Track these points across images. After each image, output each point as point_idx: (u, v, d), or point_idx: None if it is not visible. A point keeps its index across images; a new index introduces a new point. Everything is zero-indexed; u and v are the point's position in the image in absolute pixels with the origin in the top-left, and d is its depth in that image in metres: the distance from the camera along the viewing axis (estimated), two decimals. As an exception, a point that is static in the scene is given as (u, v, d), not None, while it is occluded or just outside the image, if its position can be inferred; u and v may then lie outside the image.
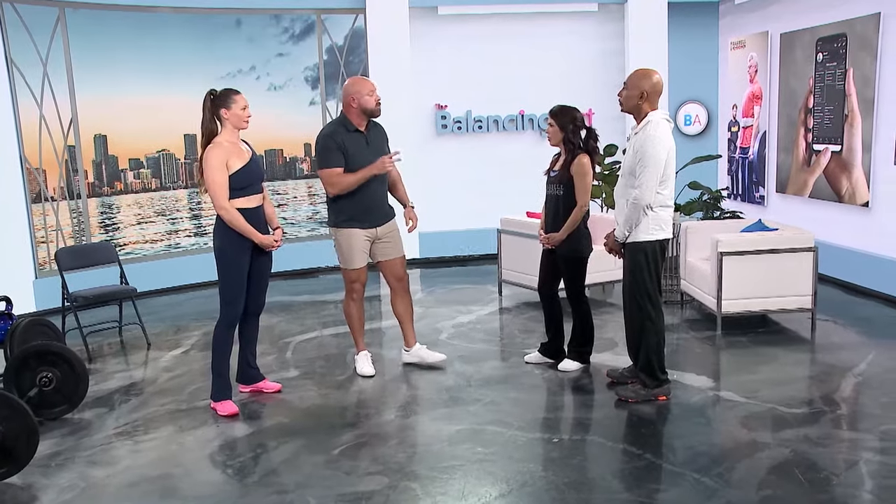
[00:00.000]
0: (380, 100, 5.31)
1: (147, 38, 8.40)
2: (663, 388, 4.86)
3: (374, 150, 5.32)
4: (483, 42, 9.69)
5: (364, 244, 5.40)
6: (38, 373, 4.91)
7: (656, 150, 4.50)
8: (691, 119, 10.20)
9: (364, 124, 5.33)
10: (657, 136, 4.52)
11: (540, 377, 5.40)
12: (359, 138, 5.30)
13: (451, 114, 9.79)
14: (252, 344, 5.25)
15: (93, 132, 8.19)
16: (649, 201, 4.54)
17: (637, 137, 4.63)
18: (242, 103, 4.75)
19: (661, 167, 4.52)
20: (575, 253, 5.28)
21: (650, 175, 4.50)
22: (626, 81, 4.69)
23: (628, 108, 4.67)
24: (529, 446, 4.28)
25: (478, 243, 9.59)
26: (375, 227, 5.40)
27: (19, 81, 7.65)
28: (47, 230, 7.94)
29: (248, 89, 8.93)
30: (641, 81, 4.61)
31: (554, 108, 5.25)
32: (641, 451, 4.15)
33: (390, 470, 4.04)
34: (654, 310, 4.75)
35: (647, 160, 4.51)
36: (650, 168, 4.50)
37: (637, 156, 4.56)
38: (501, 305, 7.50)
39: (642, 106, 4.62)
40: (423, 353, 5.72)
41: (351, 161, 5.23)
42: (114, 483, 4.06)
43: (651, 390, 4.84)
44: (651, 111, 4.61)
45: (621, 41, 9.77)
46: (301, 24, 9.20)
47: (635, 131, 4.68)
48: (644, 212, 4.57)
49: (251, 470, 4.13)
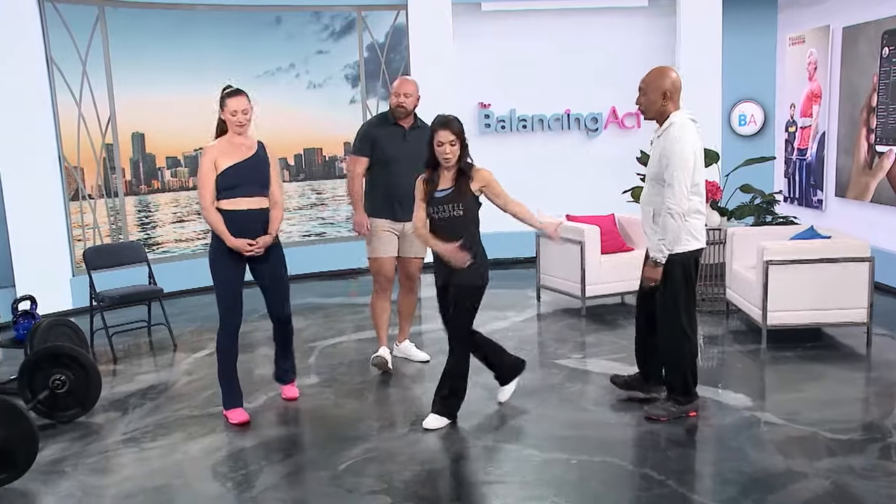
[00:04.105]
0: (402, 104, 5.33)
1: (186, 37, 8.36)
2: (694, 403, 4.57)
3: (410, 148, 5.25)
4: (528, 39, 9.41)
5: (388, 236, 5.45)
6: (50, 375, 4.83)
7: (684, 153, 4.18)
8: (746, 119, 9.74)
9: (408, 121, 5.42)
10: (683, 137, 4.21)
11: (568, 391, 5.12)
12: (396, 132, 5.37)
13: (494, 113, 9.54)
14: (282, 349, 5.10)
15: (130, 130, 8.19)
16: (685, 209, 4.22)
17: (660, 141, 4.32)
18: (233, 107, 4.57)
19: (691, 171, 4.20)
20: (478, 280, 4.58)
21: (681, 180, 4.18)
22: (643, 86, 4.34)
23: (653, 113, 4.35)
24: (544, 467, 4.02)
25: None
26: (402, 222, 5.40)
27: (59, 80, 7.68)
28: (84, 228, 7.96)
29: (287, 87, 9.01)
30: (661, 81, 4.30)
31: (446, 119, 4.39)
32: (664, 476, 3.84)
33: (394, 489, 3.82)
34: (690, 326, 4.45)
35: (674, 164, 4.19)
36: (679, 172, 4.18)
37: (663, 161, 4.25)
38: (539, 312, 7.23)
39: (667, 107, 4.31)
40: (412, 350, 5.84)
41: (379, 152, 5.38)
42: (110, 494, 3.94)
43: (683, 406, 4.53)
44: (674, 112, 4.31)
45: (672, 37, 9.38)
46: (341, 21, 9.06)
47: (658, 134, 4.37)
48: (682, 221, 4.24)
49: (251, 483, 3.96)
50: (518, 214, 4.62)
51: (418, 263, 5.64)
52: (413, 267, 5.63)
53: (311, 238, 9.29)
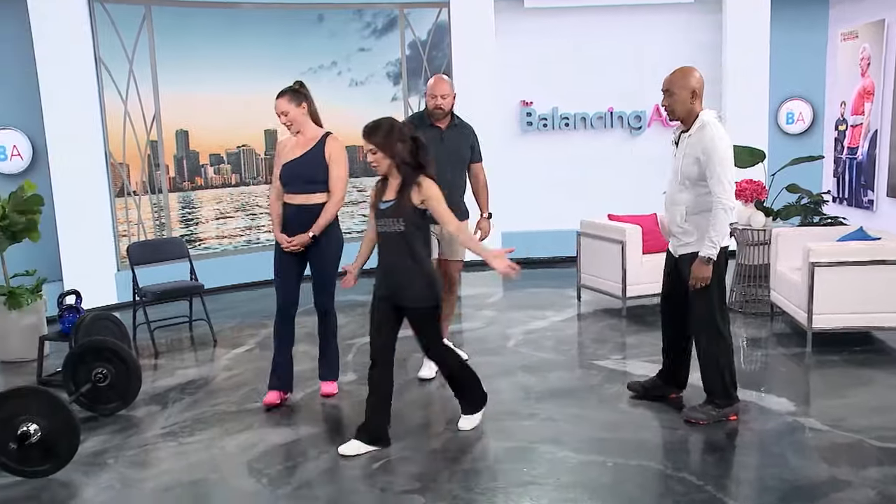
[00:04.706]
0: (440, 105, 5.18)
1: (229, 35, 8.44)
2: (734, 406, 4.47)
3: (448, 149, 5.19)
4: (570, 36, 9.32)
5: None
6: (93, 368, 4.91)
7: (726, 148, 4.20)
8: (794, 117, 9.52)
9: (445, 122, 5.27)
10: (721, 135, 4.21)
11: (606, 392, 5.05)
12: (433, 135, 5.15)
13: (536, 111, 9.48)
14: (321, 342, 5.18)
15: (175, 127, 8.30)
16: (734, 202, 4.22)
17: (692, 140, 4.28)
18: (276, 109, 4.85)
19: (732, 164, 4.22)
20: (433, 301, 4.25)
21: (728, 175, 4.19)
22: (668, 87, 4.33)
23: (682, 113, 4.33)
24: (580, 469, 3.97)
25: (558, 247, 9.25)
26: None
27: (106, 78, 7.81)
28: (129, 224, 8.09)
29: (329, 85, 9.05)
30: (687, 80, 4.28)
31: (367, 126, 4.13)
32: (703, 481, 3.76)
33: (427, 489, 3.80)
34: (724, 324, 4.38)
35: (716, 160, 4.17)
36: (724, 168, 4.17)
37: (703, 161, 4.21)
38: (579, 312, 7.16)
39: (694, 106, 4.30)
40: None
41: None
42: (149, 487, 3.99)
43: (722, 410, 4.45)
44: (701, 111, 4.31)
45: (718, 34, 9.22)
46: (384, 18, 9.07)
47: (689, 134, 4.32)
48: (730, 215, 4.22)
49: (286, 480, 3.97)
50: (465, 244, 4.33)
51: (458, 266, 5.55)
52: (453, 269, 5.53)
53: (353, 235, 9.31)
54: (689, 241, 4.36)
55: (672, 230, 4.48)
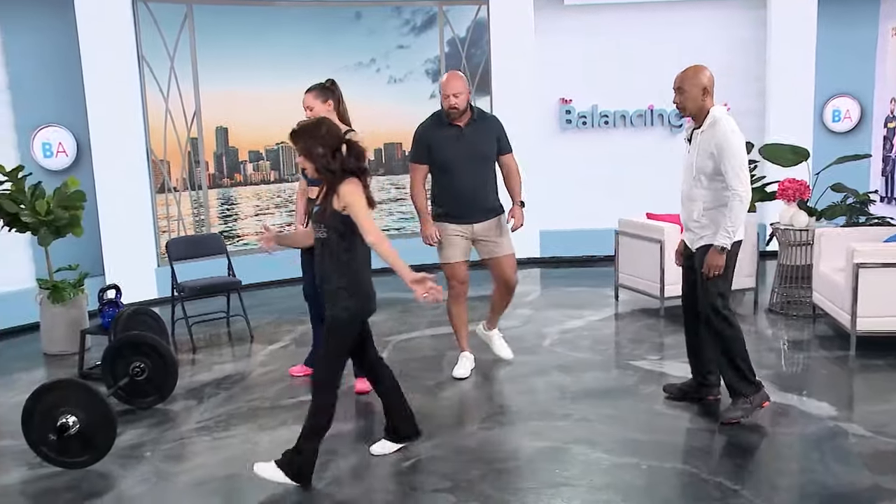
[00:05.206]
0: (455, 105, 4.99)
1: (268, 33, 8.50)
2: (762, 392, 4.45)
3: (468, 146, 5.08)
4: (610, 33, 9.21)
5: (457, 240, 5.22)
6: (131, 362, 4.98)
7: (738, 142, 4.25)
8: (840, 115, 9.29)
9: (464, 118, 5.09)
10: (733, 129, 4.29)
11: (642, 393, 4.98)
12: (450, 133, 5.08)
13: (575, 108, 9.39)
14: None
15: (215, 124, 8.38)
16: (749, 194, 4.30)
17: (705, 136, 4.34)
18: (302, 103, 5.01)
19: (745, 156, 4.28)
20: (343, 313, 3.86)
21: (741, 166, 4.25)
22: (680, 85, 4.38)
23: (693, 109, 4.37)
24: (614, 471, 3.92)
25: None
26: (470, 223, 5.18)
27: (148, 76, 7.92)
28: (169, 220, 8.19)
29: (367, 82, 9.06)
30: (699, 78, 4.34)
31: (293, 129, 3.89)
32: (739, 486, 3.68)
33: (459, 488, 3.78)
34: (732, 314, 4.44)
35: (731, 154, 4.23)
36: (738, 161, 4.24)
37: (717, 155, 4.26)
38: (616, 311, 7.08)
39: (706, 103, 4.35)
40: (497, 340, 5.60)
41: (436, 156, 5.12)
42: (183, 480, 4.03)
43: (754, 399, 4.42)
44: (712, 107, 4.34)
45: (762, 30, 9.04)
46: (422, 15, 9.06)
47: (701, 130, 4.37)
48: (746, 206, 4.30)
49: (318, 476, 3.96)
50: (384, 257, 3.77)
51: (509, 261, 5.26)
52: (506, 267, 5.26)
53: (391, 233, 9.33)
54: (706, 235, 4.41)
55: (689, 225, 4.54)
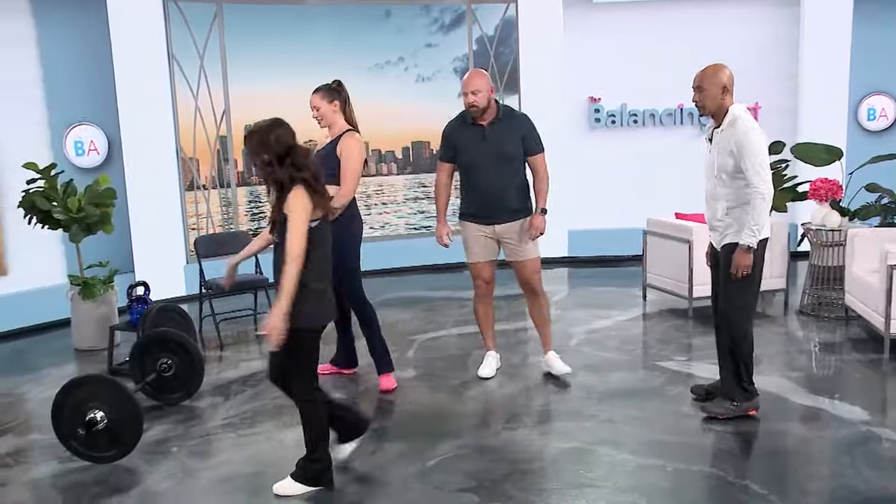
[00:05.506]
0: (473, 102, 4.89)
1: (297, 32, 8.53)
2: (754, 401, 4.45)
3: (490, 146, 4.98)
4: (640, 31, 9.12)
5: (480, 239, 5.16)
6: (158, 358, 5.02)
7: (758, 139, 4.22)
8: (875, 113, 9.11)
9: (488, 117, 5.00)
10: (753, 126, 4.26)
11: (669, 394, 4.92)
12: (474, 133, 5.02)
13: (604, 107, 9.32)
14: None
15: (243, 123, 8.41)
16: (771, 191, 4.25)
17: (725, 135, 4.31)
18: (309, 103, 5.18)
19: (766, 154, 4.25)
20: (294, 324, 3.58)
21: (763, 165, 4.22)
22: (699, 84, 4.38)
23: (713, 108, 4.36)
24: (639, 473, 3.87)
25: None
26: (492, 224, 5.10)
27: (178, 75, 7.98)
28: (199, 218, 8.26)
29: (395, 80, 9.08)
30: (719, 76, 4.34)
31: (245, 135, 3.77)
32: (767, 490, 3.62)
33: (483, 488, 3.76)
34: (751, 318, 4.44)
35: (751, 152, 4.20)
36: (757, 158, 4.20)
37: (736, 153, 4.23)
38: (644, 311, 7.01)
39: (725, 101, 4.33)
40: (552, 361, 5.33)
41: (461, 155, 5.09)
42: (207, 476, 4.05)
43: (742, 404, 4.43)
44: (731, 105, 4.33)
45: (795, 27, 8.91)
46: (451, 14, 9.05)
47: (721, 129, 4.35)
48: (769, 203, 4.26)
49: (341, 475, 3.97)
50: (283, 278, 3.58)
51: (528, 265, 5.13)
52: (524, 270, 5.15)
53: (418, 231, 9.34)
54: (729, 233, 4.38)
55: (713, 224, 4.51)
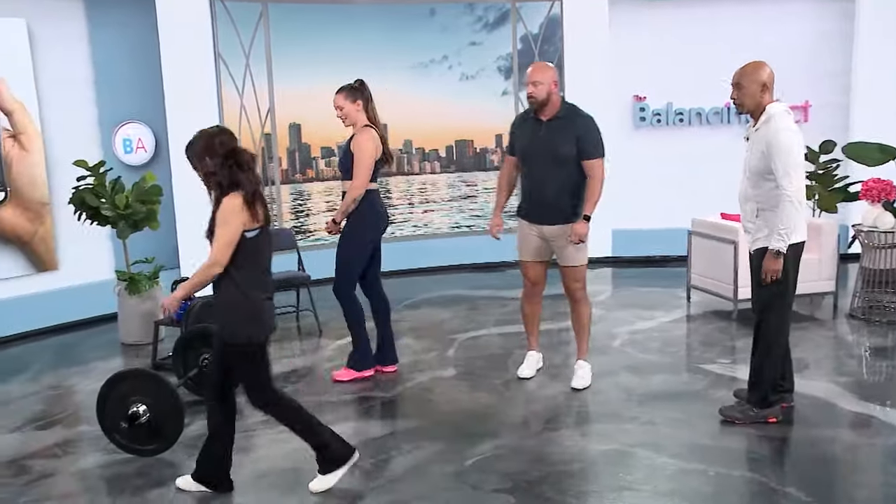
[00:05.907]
0: (532, 94, 4.82)
1: (341, 30, 8.56)
2: (774, 409, 4.37)
3: (543, 143, 4.89)
4: (685, 29, 8.96)
5: (530, 238, 5.09)
6: (200, 353, 5.07)
7: (789, 139, 4.10)
8: (932, 111, 8.86)
9: (549, 112, 4.88)
10: (787, 126, 4.15)
11: (711, 398, 4.82)
12: (532, 126, 4.95)
13: (650, 106, 9.19)
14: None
15: (288, 121, 8.50)
16: (803, 195, 4.13)
17: (759, 134, 4.22)
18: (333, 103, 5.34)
19: (800, 156, 4.12)
20: (228, 338, 3.64)
21: (795, 166, 4.09)
22: (738, 81, 4.28)
23: (751, 106, 4.26)
24: (679, 477, 3.81)
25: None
26: (540, 225, 5.01)
27: (224, 73, 8.08)
28: (243, 215, 8.33)
29: (439, 79, 9.08)
30: (758, 74, 4.24)
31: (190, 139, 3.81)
32: (811, 498, 3.54)
33: (519, 489, 3.74)
34: (785, 325, 4.35)
35: (784, 153, 4.08)
36: (791, 159, 4.08)
37: (767, 153, 4.12)
38: (688, 313, 6.91)
39: (763, 99, 4.23)
40: (576, 370, 5.19)
41: (518, 148, 5.09)
42: (246, 471, 4.08)
43: (762, 411, 4.36)
44: (769, 104, 4.22)
45: (849, 22, 8.68)
46: (495, 12, 9.01)
47: (756, 128, 4.25)
48: (801, 208, 4.13)
49: (378, 474, 3.99)
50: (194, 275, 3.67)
51: (572, 273, 5.00)
52: (565, 276, 5.04)
53: (461, 230, 9.32)
54: (760, 237, 4.29)
55: (746, 227, 4.44)
